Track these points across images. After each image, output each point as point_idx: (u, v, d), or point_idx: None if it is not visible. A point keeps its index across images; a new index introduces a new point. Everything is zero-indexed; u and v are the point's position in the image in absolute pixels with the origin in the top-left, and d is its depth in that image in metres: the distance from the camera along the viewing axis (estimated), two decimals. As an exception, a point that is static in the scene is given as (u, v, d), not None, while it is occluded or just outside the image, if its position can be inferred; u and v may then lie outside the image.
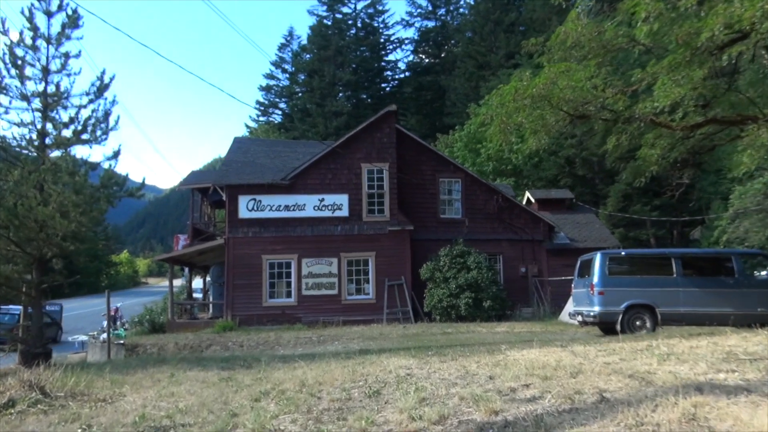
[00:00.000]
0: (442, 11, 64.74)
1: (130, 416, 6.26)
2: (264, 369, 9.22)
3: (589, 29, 12.18)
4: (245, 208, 21.15)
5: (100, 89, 11.48)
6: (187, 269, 26.71)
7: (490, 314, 20.52)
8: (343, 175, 21.63)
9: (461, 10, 64.23)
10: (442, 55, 64.27)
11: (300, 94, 57.95)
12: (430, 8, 64.01)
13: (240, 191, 21.13)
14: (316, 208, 21.35)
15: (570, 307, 20.18)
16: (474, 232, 23.05)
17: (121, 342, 17.18)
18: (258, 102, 58.61)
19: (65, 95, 11.36)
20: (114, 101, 11.77)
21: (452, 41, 61.36)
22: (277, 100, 59.86)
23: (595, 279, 14.55)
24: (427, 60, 65.08)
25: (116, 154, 11.70)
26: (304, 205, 21.32)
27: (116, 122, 11.99)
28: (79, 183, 10.61)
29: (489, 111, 13.58)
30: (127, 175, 11.90)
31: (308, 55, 59.22)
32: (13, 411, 6.70)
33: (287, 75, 60.56)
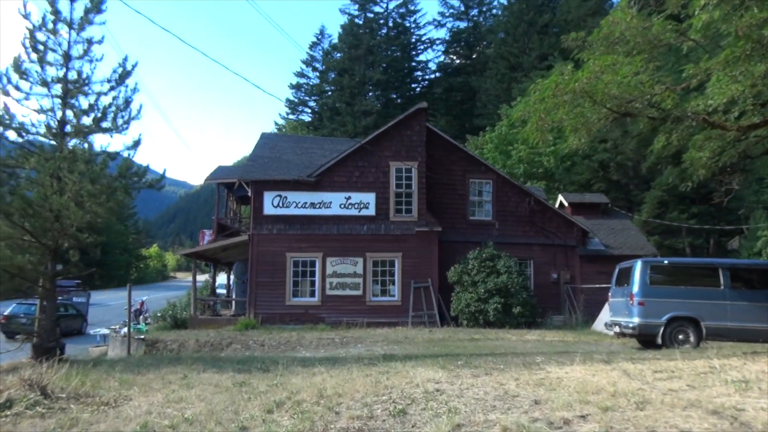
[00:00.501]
0: (475, 12, 63.74)
1: (132, 424, 5.68)
2: (281, 374, 8.60)
3: (635, 23, 11.30)
4: (270, 204, 20.65)
5: (122, 76, 11.00)
6: (211, 265, 26.36)
7: (520, 321, 19.66)
8: (371, 173, 20.98)
9: (494, 11, 63.17)
10: (473, 56, 63.24)
11: (329, 93, 57.52)
12: (462, 9, 63.04)
13: (265, 187, 20.63)
14: (342, 206, 20.74)
15: (605, 316, 19.21)
16: (504, 236, 22.19)
17: (141, 337, 16.79)
18: (288, 100, 58.40)
19: (86, 82, 10.90)
20: (135, 89, 11.30)
21: (484, 42, 60.30)
22: (307, 98, 59.53)
23: (635, 288, 13.64)
24: (458, 61, 64.12)
25: (136, 144, 11.22)
26: (330, 202, 20.72)
27: (138, 111, 11.52)
28: (95, 172, 10.13)
29: (526, 107, 12.75)
30: (147, 166, 11.41)
31: (339, 54, 58.77)
32: (8, 413, 6.17)
33: (317, 73, 60.23)
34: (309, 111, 60.34)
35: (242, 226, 22.60)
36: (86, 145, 10.44)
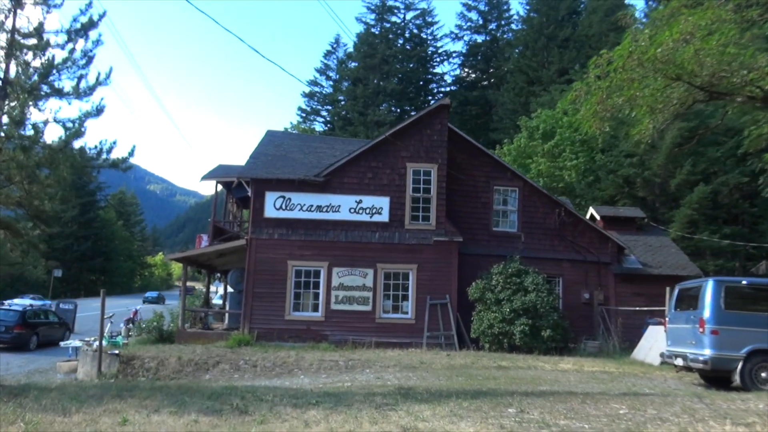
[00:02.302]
0: (493, 26, 61.61)
1: None
2: (262, 419, 6.06)
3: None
4: (272, 206, 18.19)
5: (85, 27, 8.63)
6: (207, 273, 23.84)
7: (549, 346, 16.98)
8: (385, 174, 18.49)
9: (513, 25, 60.98)
10: (491, 70, 61.03)
11: (343, 102, 55.35)
12: (480, 22, 60.94)
13: (267, 186, 18.18)
14: (352, 210, 18.25)
15: (647, 343, 16.51)
16: (530, 249, 19.59)
17: (116, 352, 14.26)
18: (300, 108, 56.31)
19: (39, 32, 8.51)
20: (98, 41, 8.85)
21: (504, 56, 57.98)
22: (320, 107, 57.44)
23: (707, 313, 10.98)
24: (474, 74, 61.86)
25: (99, 111, 8.78)
26: (339, 206, 18.24)
27: (107, 76, 9.09)
28: (29, 139, 7.73)
29: (582, 86, 10.24)
30: (114, 142, 8.98)
31: (353, 63, 56.70)
32: None
33: (331, 82, 58.18)
34: (321, 120, 58.21)
35: (242, 231, 20.14)
36: (21, 105, 8.04)
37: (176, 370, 13.85)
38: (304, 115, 56.81)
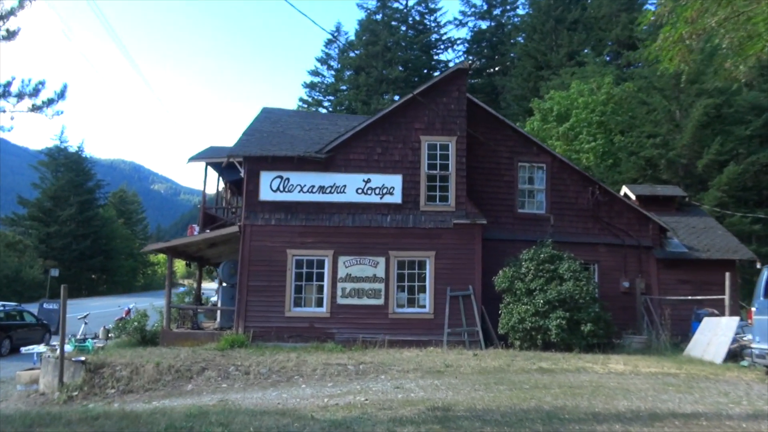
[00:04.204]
0: (498, 11, 58.85)
1: None
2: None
3: None
4: (268, 187, 15.66)
5: None
6: (198, 266, 21.31)
7: (590, 342, 14.42)
8: (397, 150, 15.94)
9: (518, 9, 58.21)
10: (496, 57, 58.35)
11: (345, 91, 52.72)
12: (485, 8, 58.20)
13: (262, 166, 15.65)
14: (359, 191, 15.71)
15: (703, 337, 13.91)
16: (561, 233, 17.04)
17: (82, 359, 11.77)
18: (301, 99, 53.74)
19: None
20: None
21: (511, 41, 55.22)
22: (321, 97, 54.83)
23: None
24: (479, 61, 59.14)
25: (11, 35, 6.32)
26: (344, 186, 15.69)
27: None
28: None
29: (668, 1, 7.66)
30: (42, 83, 6.51)
31: (355, 51, 54.09)
32: None
33: (333, 72, 55.53)
34: (324, 110, 55.59)
35: (236, 218, 17.63)
36: None
37: (152, 380, 11.34)
38: (305, 106, 54.20)
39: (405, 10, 56.02)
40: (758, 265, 17.09)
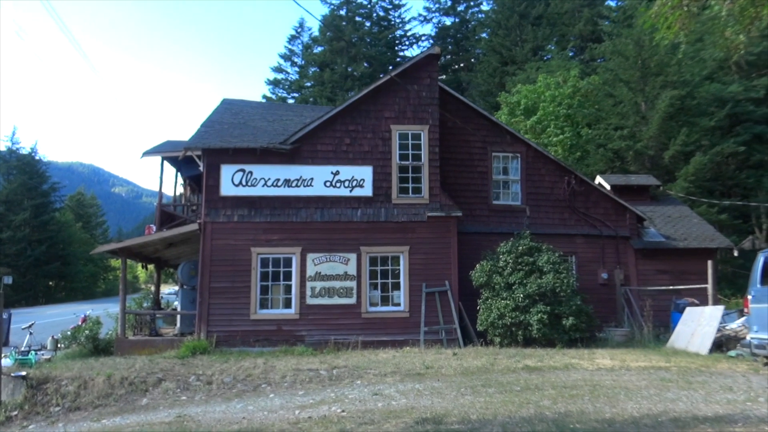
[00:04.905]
0: (462, 7, 58.43)
1: None
2: None
3: None
4: (230, 181, 14.54)
5: None
6: (156, 269, 19.95)
7: (572, 336, 13.79)
8: (366, 140, 15.01)
9: (482, 5, 57.90)
10: (461, 53, 57.96)
11: (310, 88, 51.47)
12: (449, 4, 57.71)
13: (223, 159, 14.52)
14: (328, 184, 14.72)
15: (686, 329, 13.39)
16: (538, 225, 16.39)
17: (22, 374, 10.49)
18: (265, 97, 52.16)
19: None
20: None
21: (475, 37, 54.83)
22: (286, 94, 53.37)
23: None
24: (444, 57, 58.64)
25: None
26: (312, 179, 14.69)
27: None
28: None
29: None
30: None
31: (319, 47, 52.88)
32: None
33: (297, 68, 54.18)
34: (288, 108, 54.21)
35: (196, 216, 16.42)
36: None
37: (103, 395, 10.16)
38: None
39: (369, 5, 55.07)
40: (735, 253, 16.76)
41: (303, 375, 10.59)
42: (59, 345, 14.80)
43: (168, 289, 51.35)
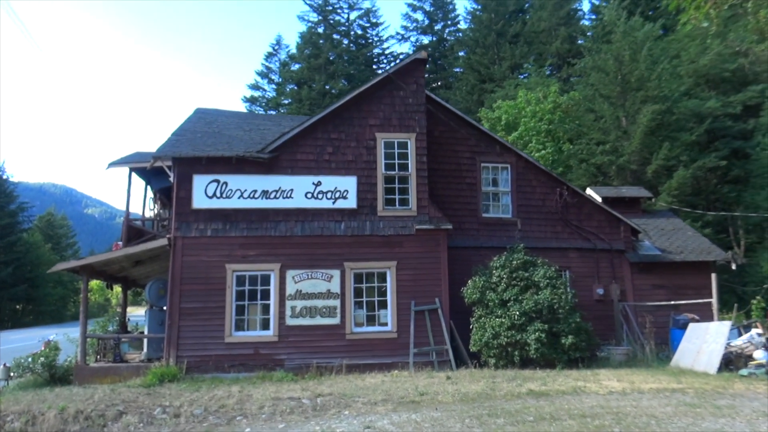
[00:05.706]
0: (439, 26, 58.34)
1: None
2: None
3: None
4: (203, 193, 13.36)
5: None
6: (123, 288, 18.49)
7: (572, 356, 12.81)
8: (350, 148, 14.00)
9: (460, 24, 57.87)
10: (438, 72, 57.68)
11: (288, 105, 50.49)
12: (426, 22, 57.56)
13: (196, 168, 13.35)
14: (309, 195, 13.63)
15: (690, 346, 12.56)
16: (529, 238, 15.49)
17: (-41, 409, 9.10)
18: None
19: None
20: None
21: (454, 55, 54.65)
22: (263, 112, 52.28)
23: None
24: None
25: None
26: (291, 190, 13.59)
27: None
28: None
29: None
30: None
31: (297, 65, 52.04)
32: None
33: (274, 86, 53.20)
34: (265, 126, 53.06)
35: (166, 231, 15.14)
36: None
37: (55, 431, 8.83)
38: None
39: (347, 23, 54.58)
40: (734, 266, 16.07)
41: (283, 405, 9.39)
42: (11, 374, 13.30)
43: (139, 312, 49.07)
